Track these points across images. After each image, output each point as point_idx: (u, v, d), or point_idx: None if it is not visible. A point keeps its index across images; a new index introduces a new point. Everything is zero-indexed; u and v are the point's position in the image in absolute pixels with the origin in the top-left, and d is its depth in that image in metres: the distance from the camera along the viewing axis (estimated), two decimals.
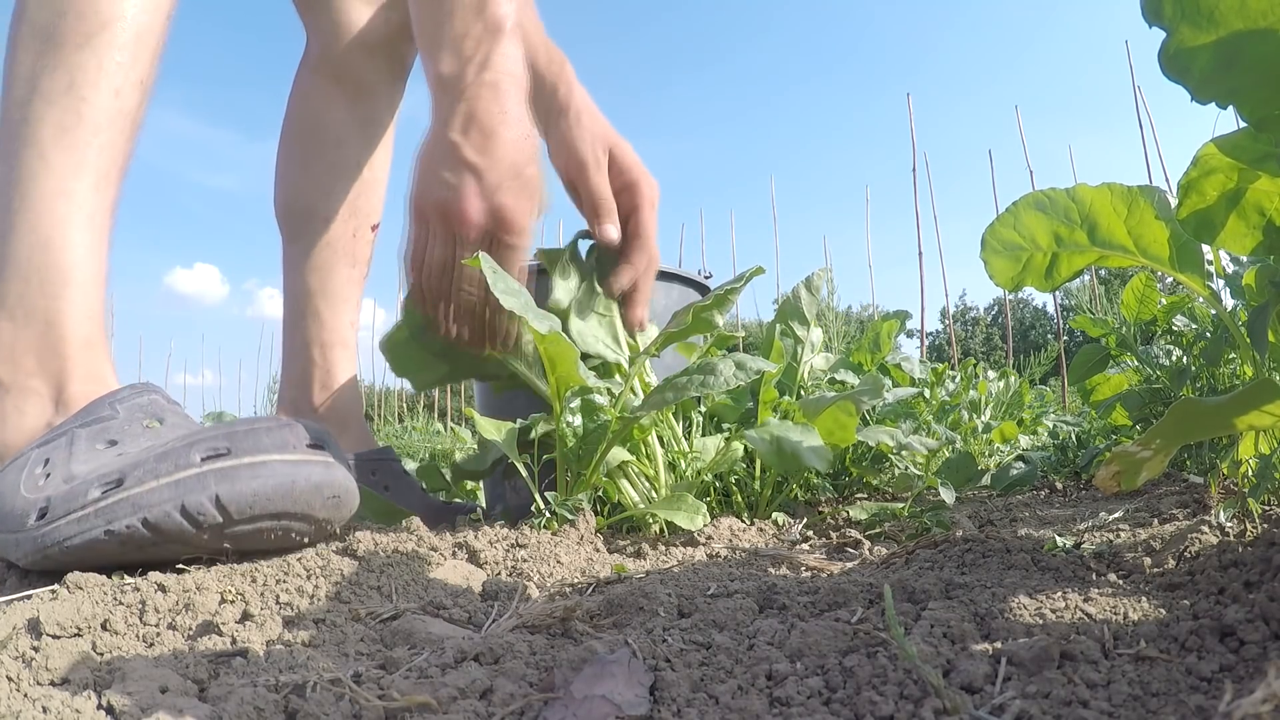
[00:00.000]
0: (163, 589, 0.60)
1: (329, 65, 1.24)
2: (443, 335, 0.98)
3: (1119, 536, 0.86)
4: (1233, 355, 1.18)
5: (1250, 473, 0.83)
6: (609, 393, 1.02)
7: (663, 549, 0.96)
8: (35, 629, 0.53)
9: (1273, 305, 0.72)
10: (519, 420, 1.04)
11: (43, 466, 0.71)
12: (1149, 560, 0.71)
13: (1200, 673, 0.43)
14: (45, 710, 0.41)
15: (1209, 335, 1.23)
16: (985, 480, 1.58)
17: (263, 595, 0.62)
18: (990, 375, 2.50)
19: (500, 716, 0.42)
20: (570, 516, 0.95)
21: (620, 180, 1.12)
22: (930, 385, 1.85)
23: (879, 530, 1.06)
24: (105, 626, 0.55)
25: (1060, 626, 0.51)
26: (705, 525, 1.01)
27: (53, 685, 0.46)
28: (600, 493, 1.04)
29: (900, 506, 1.14)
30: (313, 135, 1.24)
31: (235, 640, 0.54)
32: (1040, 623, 0.52)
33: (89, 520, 0.65)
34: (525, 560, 0.79)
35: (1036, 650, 0.44)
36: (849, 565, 0.83)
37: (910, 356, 2.01)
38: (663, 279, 1.32)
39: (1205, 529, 0.75)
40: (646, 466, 1.11)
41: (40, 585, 0.65)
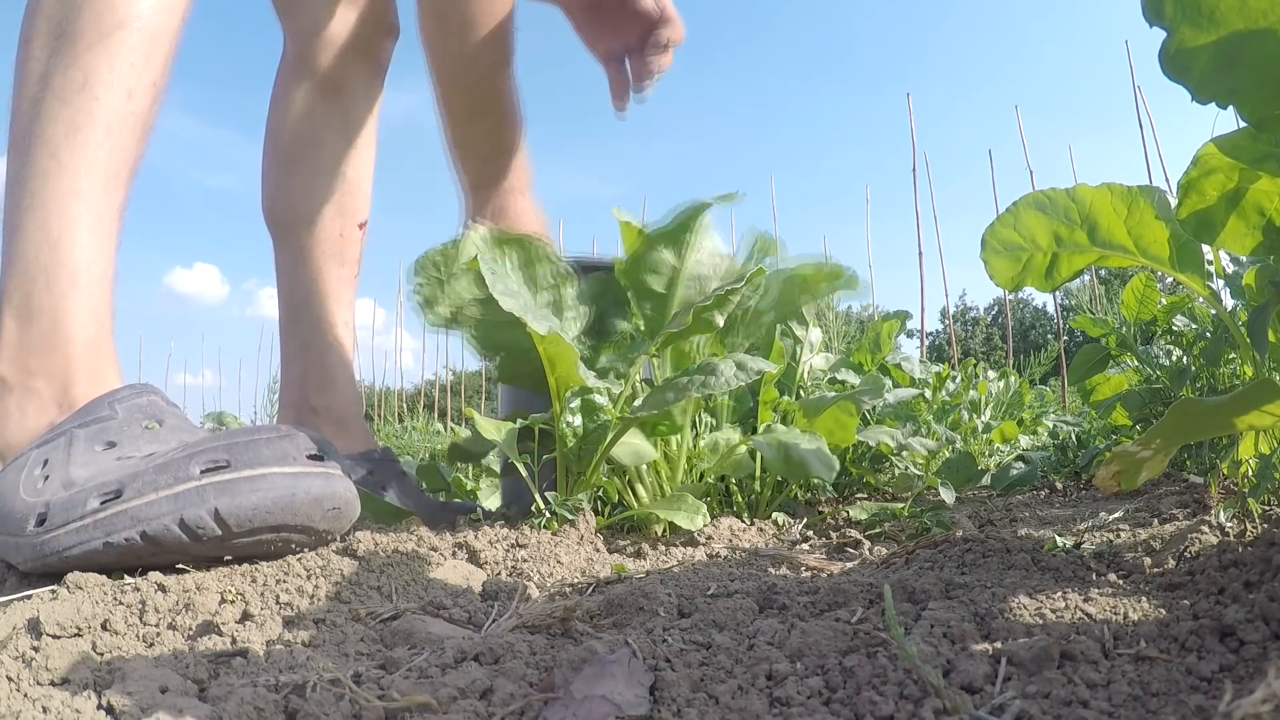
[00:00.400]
0: (163, 589, 0.60)
1: (306, 67, 1.26)
2: None
3: (1119, 536, 0.86)
4: (1233, 355, 1.18)
5: (1250, 473, 0.83)
6: (609, 393, 1.02)
7: (663, 549, 0.96)
8: (35, 629, 0.53)
9: (1273, 305, 0.72)
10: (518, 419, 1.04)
11: (42, 468, 0.70)
12: (1149, 560, 0.71)
13: (1200, 673, 0.43)
14: (45, 710, 0.41)
15: (1209, 335, 1.23)
16: (985, 480, 1.58)
17: (263, 595, 0.62)
18: (990, 375, 2.50)
19: (500, 716, 0.42)
20: (570, 516, 0.95)
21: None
22: (934, 389, 1.86)
23: (879, 530, 1.06)
24: (105, 626, 0.55)
25: (1060, 626, 0.51)
26: (705, 525, 1.01)
27: (53, 685, 0.46)
28: (600, 492, 1.04)
29: (900, 506, 1.14)
30: (293, 138, 1.26)
31: (235, 640, 0.54)
32: (1040, 623, 0.52)
33: (87, 531, 0.65)
34: (525, 560, 0.79)
35: (1036, 650, 0.44)
36: (849, 565, 0.83)
37: (910, 356, 2.01)
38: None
39: (1205, 529, 0.75)
40: (663, 465, 1.11)
41: (40, 585, 0.65)
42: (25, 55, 0.83)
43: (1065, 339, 6.34)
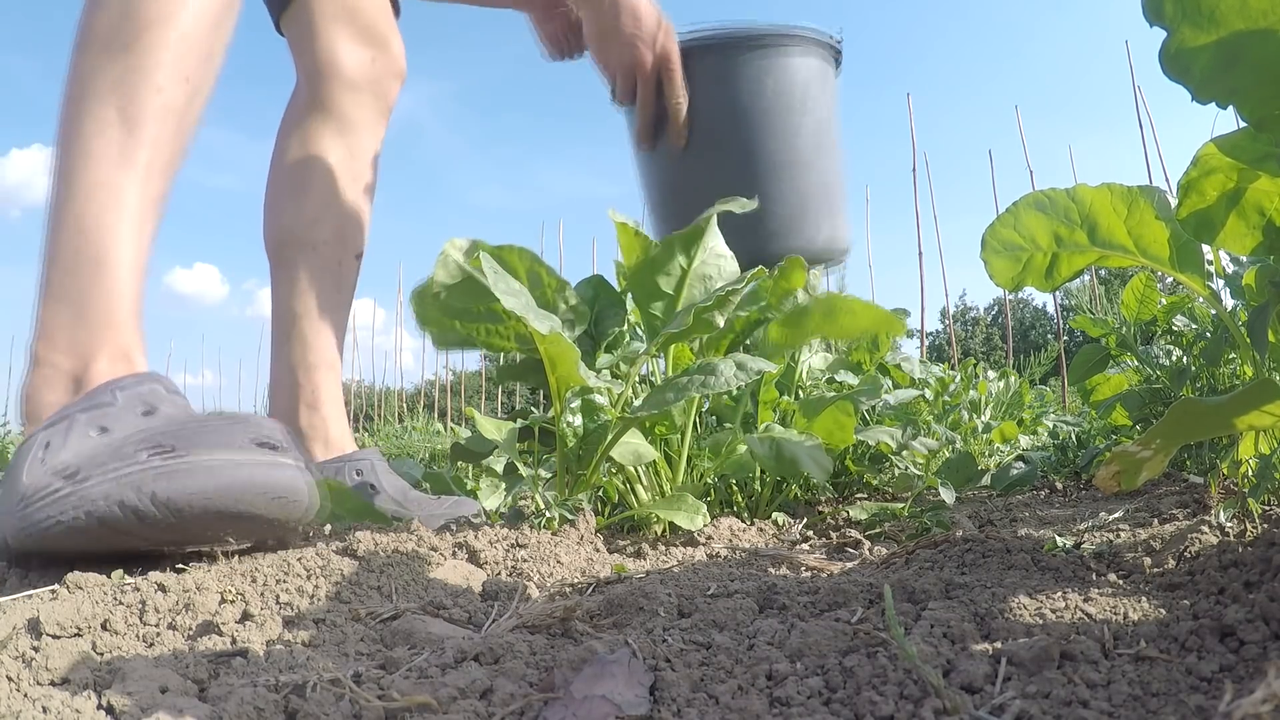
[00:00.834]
0: (163, 589, 0.60)
1: (318, 103, 1.31)
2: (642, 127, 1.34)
3: (1119, 536, 0.86)
4: (1233, 355, 1.18)
5: (1250, 473, 0.83)
6: (609, 392, 1.02)
7: (663, 549, 0.96)
8: (35, 629, 0.53)
9: (1273, 305, 0.72)
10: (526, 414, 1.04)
11: (44, 450, 0.72)
12: (1149, 560, 0.71)
13: (1200, 673, 0.43)
14: (45, 710, 0.41)
15: (1209, 335, 1.23)
16: (985, 480, 1.58)
17: (263, 595, 0.62)
18: (990, 375, 2.50)
19: (500, 716, 0.42)
20: (570, 516, 0.95)
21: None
22: (935, 393, 1.86)
23: (879, 530, 1.06)
24: (105, 626, 0.55)
25: (1060, 626, 0.51)
26: (705, 525, 1.01)
27: (53, 685, 0.46)
28: (601, 492, 1.04)
29: (900, 506, 1.14)
30: (302, 169, 1.31)
31: (235, 640, 0.54)
32: (1040, 623, 0.52)
33: (47, 509, 0.67)
34: (525, 560, 0.79)
35: (1036, 650, 0.44)
36: (849, 565, 0.83)
37: (910, 356, 2.01)
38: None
39: (1205, 529, 0.75)
40: (664, 466, 1.11)
41: (40, 585, 0.66)
42: (72, 63, 0.89)
43: (1065, 339, 6.33)
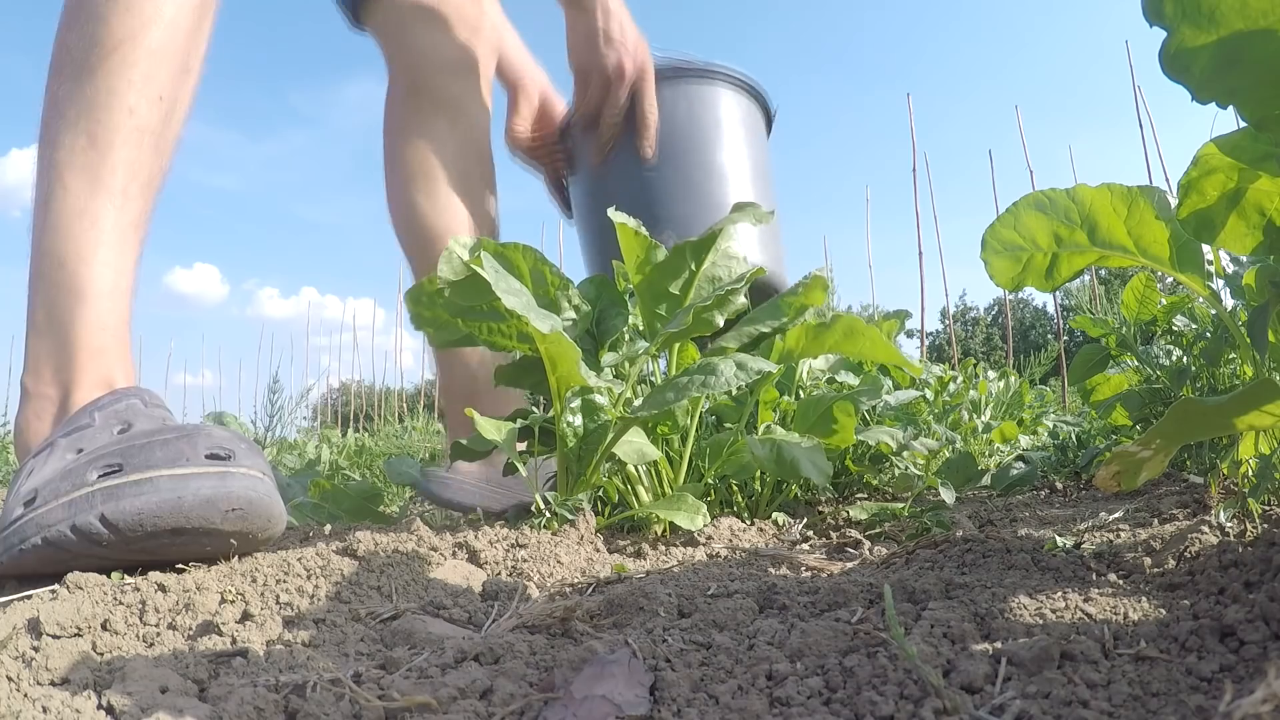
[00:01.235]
0: (163, 589, 0.60)
1: (421, 91, 1.32)
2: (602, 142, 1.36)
3: (1119, 536, 0.86)
4: (1233, 355, 1.18)
5: (1250, 473, 0.83)
6: (610, 392, 1.02)
7: (663, 549, 0.96)
8: (35, 629, 0.53)
9: (1273, 305, 0.72)
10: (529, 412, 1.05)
11: (26, 478, 0.72)
12: (1149, 560, 0.71)
13: (1200, 673, 0.43)
14: (45, 710, 0.41)
15: (1209, 335, 1.23)
16: (985, 480, 1.58)
17: (263, 595, 0.62)
18: (990, 375, 2.50)
19: (500, 716, 0.42)
20: (570, 516, 0.95)
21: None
22: (936, 393, 1.86)
23: (879, 530, 1.06)
24: (105, 626, 0.55)
25: (1060, 626, 0.51)
26: (706, 525, 1.01)
27: (53, 685, 0.46)
28: (601, 492, 1.04)
29: (900, 506, 1.14)
30: (422, 160, 1.31)
31: (235, 640, 0.54)
32: (1040, 623, 0.52)
33: (11, 537, 0.67)
34: (525, 560, 0.79)
35: (1036, 650, 0.44)
36: (849, 565, 0.83)
37: (910, 356, 2.01)
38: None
39: (1205, 529, 0.75)
40: (665, 466, 1.11)
41: (40, 585, 0.66)
42: (48, 85, 0.88)
43: (1065, 339, 6.33)
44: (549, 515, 0.95)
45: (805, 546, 0.99)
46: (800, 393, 1.42)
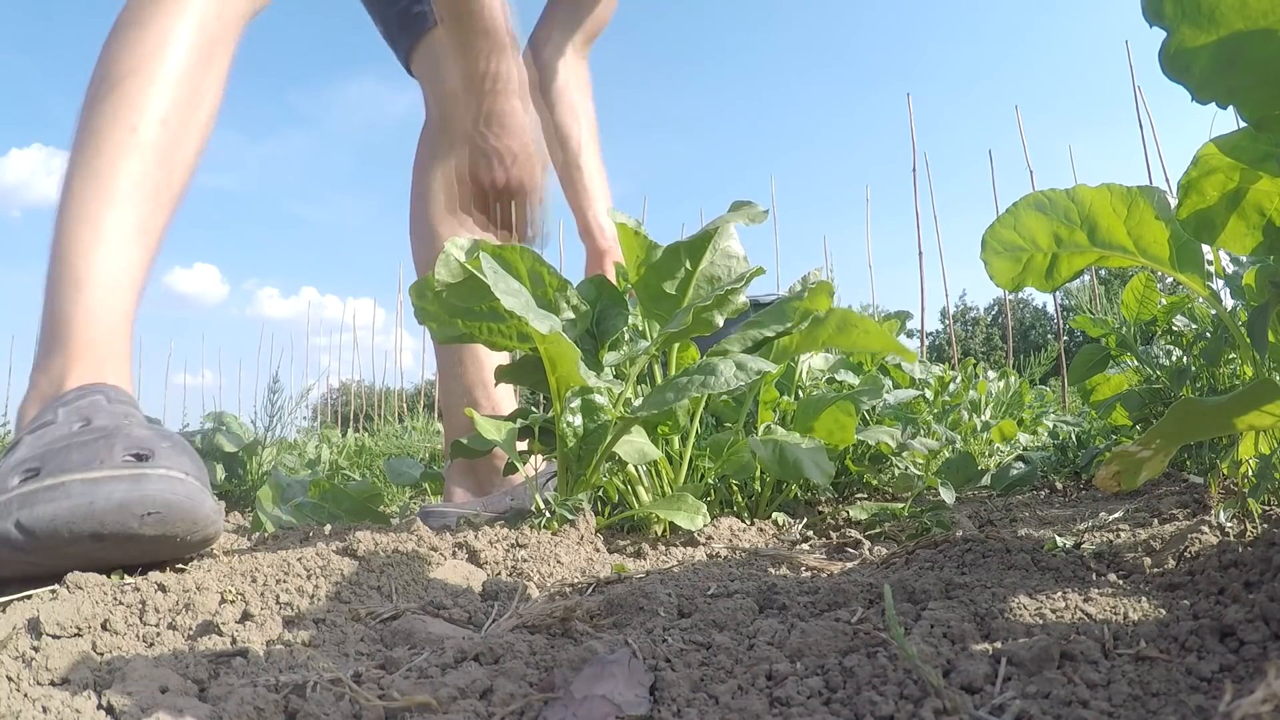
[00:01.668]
0: (163, 589, 0.60)
1: (453, 130, 1.33)
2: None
3: (1119, 536, 0.86)
4: (1233, 355, 1.18)
5: (1250, 473, 0.83)
6: (609, 392, 1.02)
7: (663, 549, 0.96)
8: (35, 629, 0.53)
9: (1273, 305, 0.72)
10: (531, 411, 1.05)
11: None
12: (1149, 560, 0.71)
13: (1200, 673, 0.43)
14: (45, 710, 0.41)
15: (1209, 335, 1.23)
16: (985, 480, 1.58)
17: (263, 595, 0.62)
18: (990, 375, 2.50)
19: (500, 716, 0.42)
20: (570, 516, 0.95)
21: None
22: (935, 393, 1.86)
23: (879, 530, 1.06)
24: (105, 626, 0.55)
25: (1060, 626, 0.51)
26: (705, 525, 1.01)
27: (53, 685, 0.46)
28: (601, 492, 1.04)
29: (900, 506, 1.14)
30: (449, 190, 1.32)
31: (235, 640, 0.54)
32: (1040, 623, 0.52)
33: None
34: (525, 560, 0.79)
35: (1036, 650, 0.44)
36: (849, 565, 0.83)
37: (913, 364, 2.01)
38: None
39: (1205, 529, 0.75)
40: (665, 466, 1.11)
41: (40, 585, 0.65)
42: (81, 110, 0.94)
43: (1065, 339, 6.33)
44: (549, 515, 0.95)
45: (805, 546, 0.98)
46: (800, 392, 1.42)
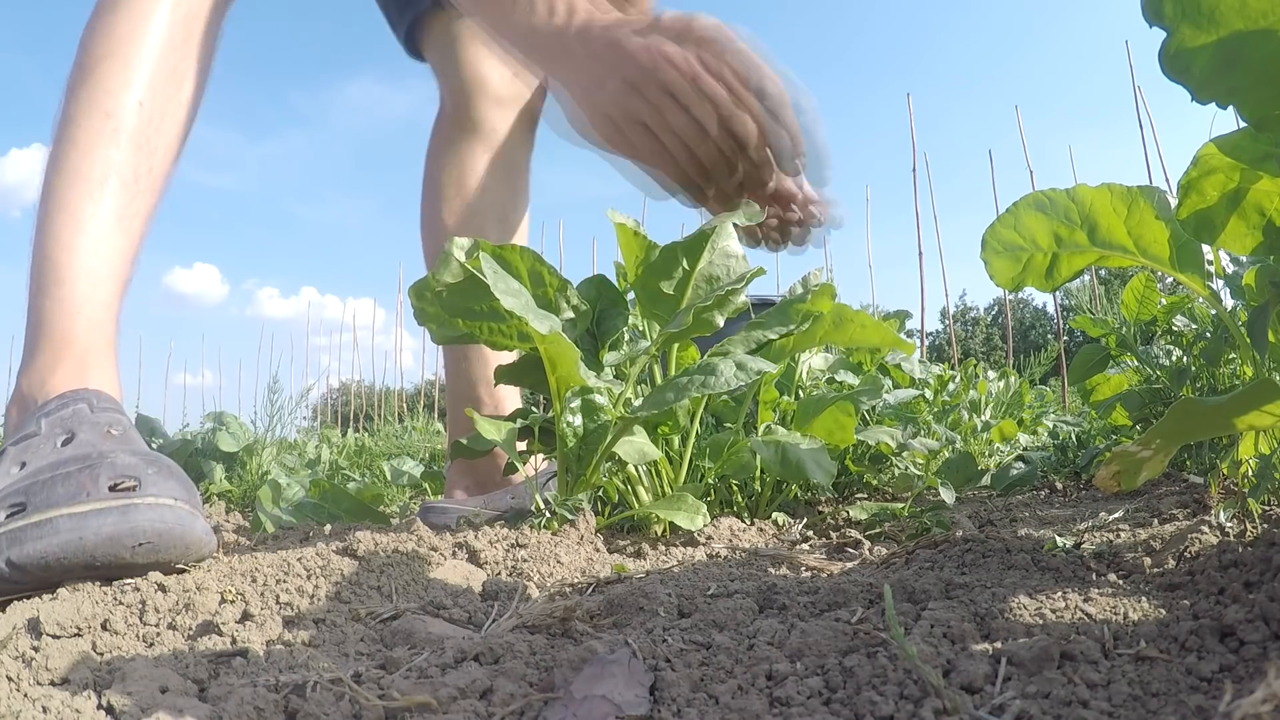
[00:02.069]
0: (163, 589, 0.60)
1: (467, 121, 1.34)
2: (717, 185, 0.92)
3: (1119, 536, 0.86)
4: (1233, 355, 1.18)
5: (1250, 473, 0.83)
6: (609, 392, 1.02)
7: (663, 549, 0.96)
8: (35, 629, 0.53)
9: (1273, 305, 0.72)
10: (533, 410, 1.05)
11: None
12: (1149, 560, 0.71)
13: (1200, 673, 0.43)
14: (45, 710, 0.41)
15: (1209, 335, 1.23)
16: (985, 480, 1.58)
17: (263, 595, 0.62)
18: (990, 375, 2.50)
19: (500, 716, 0.42)
20: (570, 516, 0.95)
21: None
22: (935, 391, 1.86)
23: (879, 530, 1.06)
24: (105, 626, 0.55)
25: (1060, 626, 0.51)
26: (705, 525, 1.01)
27: (53, 685, 0.46)
28: (601, 492, 1.04)
29: (900, 506, 1.14)
30: (458, 184, 1.33)
31: (235, 640, 0.54)
32: (1040, 623, 0.52)
33: None
34: (525, 560, 0.79)
35: (1036, 650, 0.44)
36: (849, 565, 0.83)
37: (910, 357, 2.01)
38: None
39: (1205, 529, 0.75)
40: (665, 466, 1.11)
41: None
42: (61, 99, 0.92)
43: (1065, 339, 6.33)
44: (549, 515, 0.95)
45: (805, 546, 0.99)
46: (800, 392, 1.42)
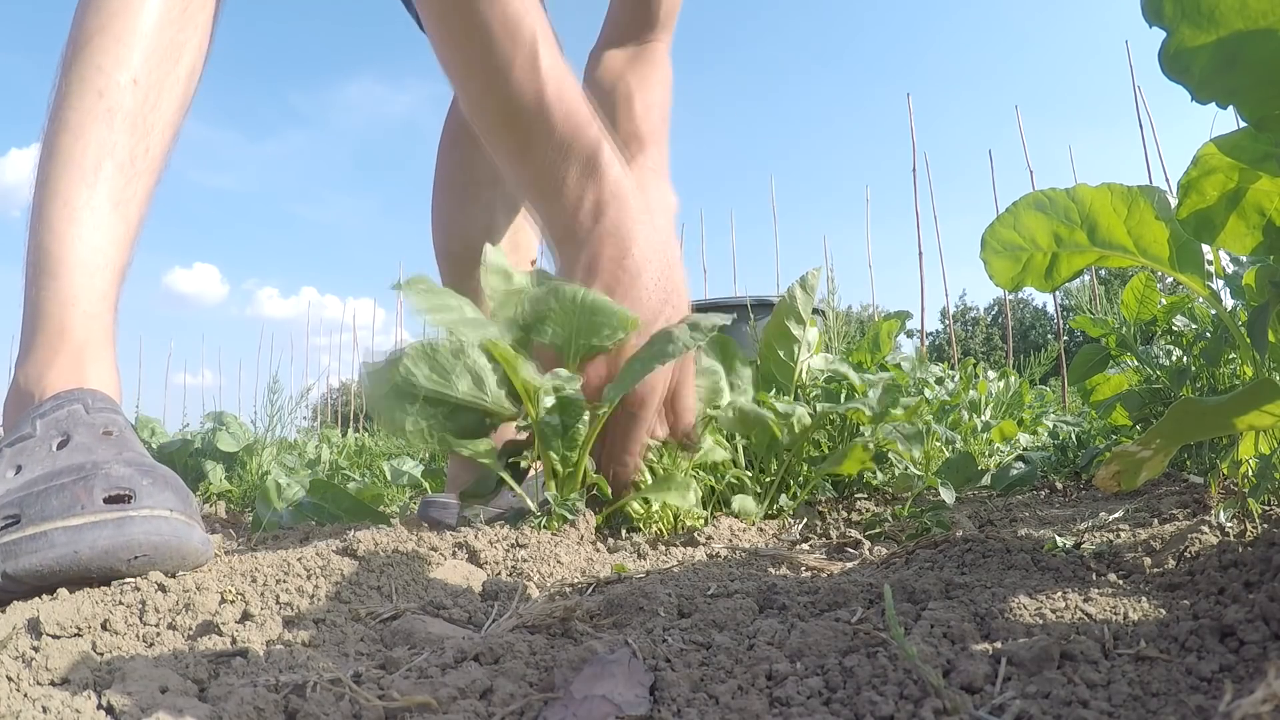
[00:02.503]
0: (163, 589, 0.60)
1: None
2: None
3: (1119, 536, 0.86)
4: (1233, 355, 1.18)
5: (1250, 473, 0.83)
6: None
7: (663, 549, 0.96)
8: (35, 629, 0.53)
9: (1273, 305, 0.72)
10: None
11: None
12: (1149, 560, 0.71)
13: (1200, 673, 0.43)
14: (45, 710, 0.41)
15: (1209, 335, 1.23)
16: (985, 480, 1.58)
17: (263, 595, 0.62)
18: (990, 375, 2.50)
19: (500, 716, 0.42)
20: (570, 516, 0.95)
21: None
22: (931, 389, 1.86)
23: (879, 530, 1.06)
24: (105, 626, 0.55)
25: (1060, 626, 0.51)
26: (696, 502, 1.02)
27: (53, 685, 0.46)
28: (594, 490, 1.04)
29: (900, 507, 1.14)
30: (469, 177, 1.32)
31: (235, 640, 0.54)
32: (1040, 623, 0.52)
33: None
34: (525, 560, 0.79)
35: (1036, 650, 0.44)
36: (849, 565, 0.83)
37: (910, 356, 2.02)
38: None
39: (1205, 529, 0.75)
40: (655, 460, 1.11)
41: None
42: (55, 78, 0.90)
43: (1065, 339, 6.34)
44: (548, 515, 0.95)
45: (805, 546, 0.99)
46: (800, 392, 1.42)
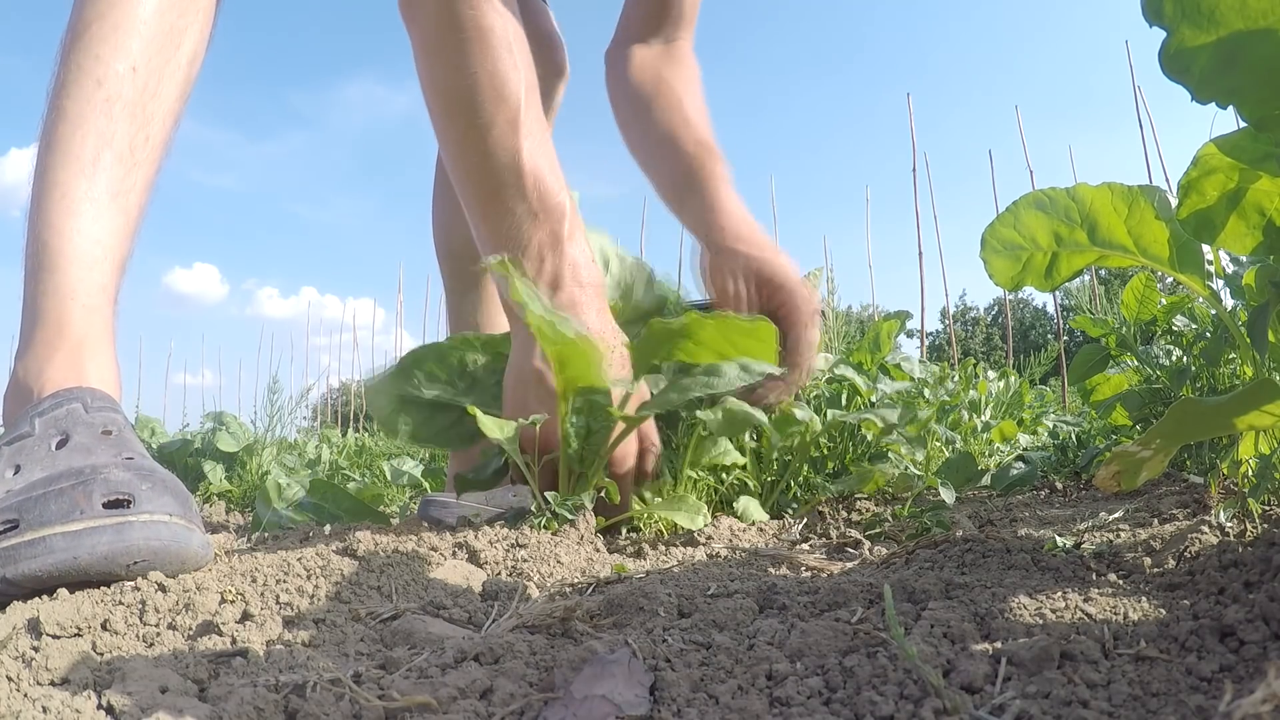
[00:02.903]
0: (163, 589, 0.60)
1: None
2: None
3: (1119, 536, 0.86)
4: (1233, 355, 1.18)
5: (1250, 473, 0.83)
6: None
7: (663, 549, 0.96)
8: (35, 629, 0.53)
9: (1273, 305, 0.72)
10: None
11: None
12: (1149, 560, 0.71)
13: (1200, 673, 0.43)
14: (45, 710, 0.41)
15: (1209, 335, 1.23)
16: (985, 480, 1.58)
17: (263, 595, 0.62)
18: (990, 375, 2.50)
19: (500, 716, 0.42)
20: (570, 516, 0.95)
21: (774, 299, 1.20)
22: (931, 388, 1.86)
23: (879, 530, 1.06)
24: (105, 626, 0.55)
25: (1060, 626, 0.51)
26: (706, 525, 1.01)
27: (53, 685, 0.46)
28: (603, 494, 1.04)
29: (900, 507, 1.14)
30: None
31: (235, 640, 0.54)
32: (1040, 623, 0.52)
33: None
34: (525, 560, 0.79)
35: (1036, 650, 0.44)
36: (849, 565, 0.83)
37: (910, 356, 2.02)
38: None
39: (1205, 529, 0.75)
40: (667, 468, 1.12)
41: None
42: (53, 67, 0.89)
43: (1065, 339, 6.33)
44: (549, 515, 0.95)
45: (805, 546, 0.98)
46: (800, 393, 1.42)
